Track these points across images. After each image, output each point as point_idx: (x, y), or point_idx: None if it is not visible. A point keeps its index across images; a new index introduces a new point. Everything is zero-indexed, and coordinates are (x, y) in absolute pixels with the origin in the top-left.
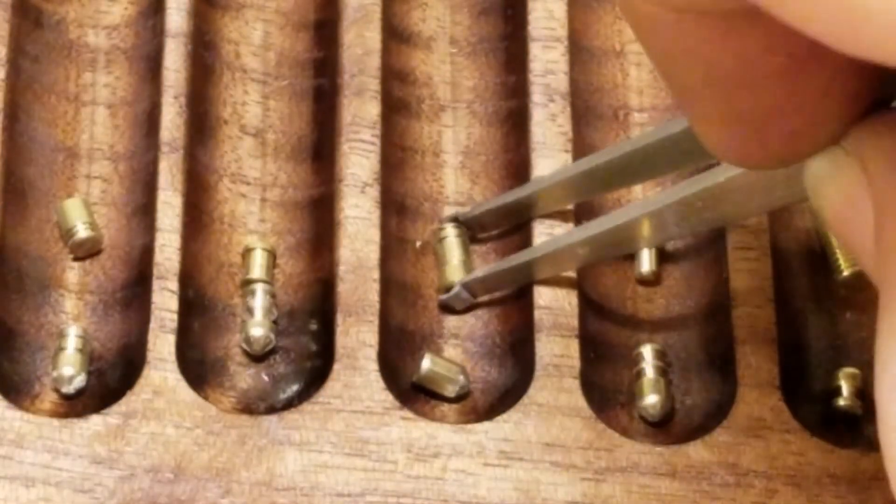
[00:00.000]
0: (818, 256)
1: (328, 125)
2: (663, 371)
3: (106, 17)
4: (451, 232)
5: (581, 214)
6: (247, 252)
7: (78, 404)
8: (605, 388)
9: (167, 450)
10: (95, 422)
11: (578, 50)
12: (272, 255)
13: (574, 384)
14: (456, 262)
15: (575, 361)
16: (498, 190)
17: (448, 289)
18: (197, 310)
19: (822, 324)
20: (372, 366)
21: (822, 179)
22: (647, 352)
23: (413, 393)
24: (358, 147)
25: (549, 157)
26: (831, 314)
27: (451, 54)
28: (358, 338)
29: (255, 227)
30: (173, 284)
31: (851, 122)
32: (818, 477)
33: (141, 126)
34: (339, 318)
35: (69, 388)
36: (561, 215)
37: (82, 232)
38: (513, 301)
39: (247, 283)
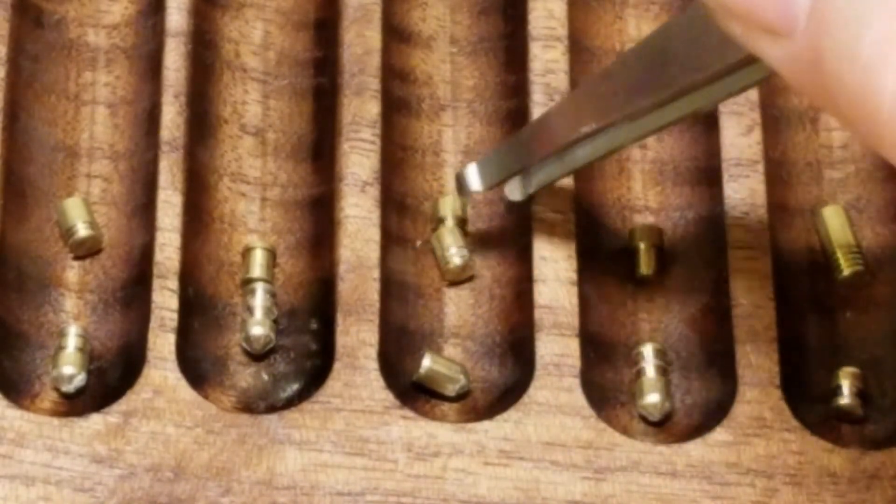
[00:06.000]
0: (818, 256)
1: (328, 124)
2: (663, 370)
3: (106, 17)
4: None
5: (580, 212)
6: (247, 251)
7: (78, 403)
8: (605, 387)
9: (167, 449)
10: (95, 421)
11: (578, 49)
12: (272, 255)
13: (574, 383)
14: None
15: (575, 361)
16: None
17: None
18: (197, 309)
19: (822, 324)
20: (372, 365)
21: None
22: (648, 351)
23: (413, 392)
24: (358, 146)
25: None
26: (831, 314)
27: (452, 54)
28: (358, 337)
29: (255, 226)
30: (173, 283)
31: None
32: (818, 476)
33: (141, 125)
34: (339, 318)
35: (69, 387)
36: (561, 213)
37: (82, 231)
38: (513, 300)
39: (247, 283)
